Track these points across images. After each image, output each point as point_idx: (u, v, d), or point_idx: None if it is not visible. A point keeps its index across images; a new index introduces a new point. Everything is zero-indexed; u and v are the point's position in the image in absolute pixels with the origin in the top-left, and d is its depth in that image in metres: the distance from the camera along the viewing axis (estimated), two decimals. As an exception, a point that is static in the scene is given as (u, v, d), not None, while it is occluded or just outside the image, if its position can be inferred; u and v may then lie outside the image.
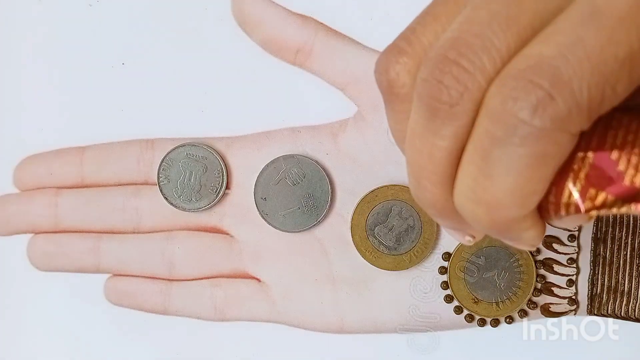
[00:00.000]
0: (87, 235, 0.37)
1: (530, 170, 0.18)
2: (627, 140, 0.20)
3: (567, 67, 0.17)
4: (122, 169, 0.36)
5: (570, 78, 0.17)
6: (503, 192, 0.19)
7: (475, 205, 0.20)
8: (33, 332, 0.39)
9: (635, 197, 0.19)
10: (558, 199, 0.20)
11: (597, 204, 0.19)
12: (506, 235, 0.21)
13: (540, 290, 0.34)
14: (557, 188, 0.20)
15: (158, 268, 0.36)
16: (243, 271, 0.36)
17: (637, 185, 0.19)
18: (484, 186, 0.19)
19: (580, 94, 0.17)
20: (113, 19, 0.38)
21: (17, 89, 0.38)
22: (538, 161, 0.18)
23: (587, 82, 0.17)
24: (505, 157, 0.18)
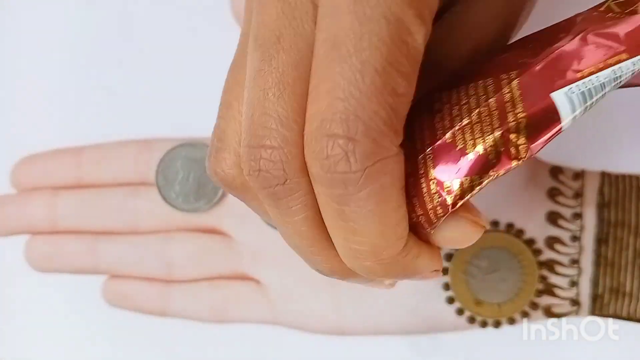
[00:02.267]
0: (85, 236, 0.36)
1: (382, 205, 0.19)
2: (453, 115, 0.20)
3: (348, 107, 0.18)
4: (120, 169, 0.36)
5: (355, 113, 0.18)
6: (374, 236, 0.19)
7: (361, 260, 0.20)
8: (31, 333, 0.39)
9: (489, 164, 0.19)
10: (424, 210, 0.20)
11: (457, 192, 0.19)
12: (407, 273, 0.21)
13: (542, 291, 0.34)
14: (418, 200, 0.20)
15: (156, 269, 0.36)
16: (242, 272, 0.36)
17: (482, 152, 0.19)
18: (357, 241, 0.20)
19: (372, 121, 0.18)
20: (113, 18, 0.38)
21: (15, 89, 0.38)
22: (383, 194, 0.19)
23: (370, 108, 0.18)
24: (355, 208, 0.19)
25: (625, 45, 0.18)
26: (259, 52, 0.20)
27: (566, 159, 0.34)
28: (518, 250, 0.34)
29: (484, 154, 0.19)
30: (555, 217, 0.34)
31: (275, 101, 0.19)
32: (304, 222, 0.20)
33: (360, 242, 0.20)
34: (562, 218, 0.34)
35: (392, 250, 0.20)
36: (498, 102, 0.19)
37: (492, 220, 0.34)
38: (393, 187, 0.19)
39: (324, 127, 0.18)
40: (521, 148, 0.19)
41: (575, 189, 0.34)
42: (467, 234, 0.21)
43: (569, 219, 0.34)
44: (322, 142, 0.18)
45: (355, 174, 0.18)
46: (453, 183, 0.19)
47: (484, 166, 0.19)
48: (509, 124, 0.19)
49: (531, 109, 0.19)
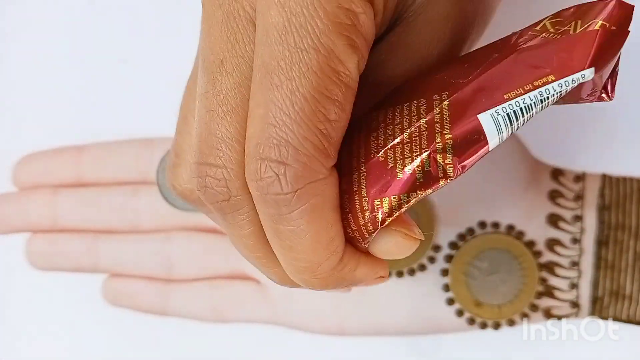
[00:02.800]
0: (85, 234, 0.36)
1: (314, 224, 0.20)
2: (387, 134, 0.20)
3: (279, 132, 0.19)
4: (120, 168, 0.36)
5: (286, 139, 0.19)
6: (307, 253, 0.20)
7: (300, 274, 0.21)
8: (31, 331, 0.39)
9: (416, 184, 0.20)
10: (358, 226, 0.20)
11: (386, 210, 0.20)
12: (347, 283, 0.22)
13: (542, 293, 0.34)
14: (353, 216, 0.20)
15: (156, 268, 0.36)
16: (242, 272, 0.36)
17: (410, 172, 0.19)
18: (293, 257, 0.21)
19: (302, 146, 0.19)
20: (113, 17, 0.38)
21: (16, 88, 0.38)
22: (314, 214, 0.20)
23: (300, 133, 0.19)
24: (288, 226, 0.20)
25: (553, 67, 0.18)
26: (205, 74, 0.21)
27: (567, 162, 0.34)
28: (518, 252, 0.34)
29: (412, 174, 0.19)
30: (555, 220, 0.34)
31: (220, 122, 0.20)
32: (251, 236, 0.21)
33: (296, 259, 0.21)
34: (562, 220, 0.34)
35: (327, 266, 0.21)
36: (428, 123, 0.19)
37: (493, 222, 0.34)
38: (324, 207, 0.20)
39: (257, 150, 0.19)
40: (448, 168, 0.19)
41: (576, 191, 0.34)
42: (401, 247, 0.21)
43: (569, 221, 0.34)
44: (256, 164, 0.19)
45: (287, 196, 0.19)
46: (382, 201, 0.20)
47: (412, 186, 0.20)
48: (437, 144, 0.19)
49: (458, 131, 0.19)
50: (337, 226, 0.20)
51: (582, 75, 0.18)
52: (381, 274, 0.23)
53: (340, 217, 0.21)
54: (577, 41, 0.18)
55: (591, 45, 0.18)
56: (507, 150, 0.34)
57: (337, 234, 0.20)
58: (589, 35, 0.18)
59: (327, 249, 0.20)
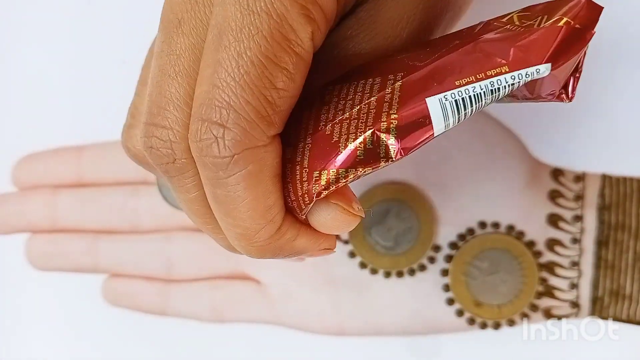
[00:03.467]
0: (85, 235, 0.36)
1: (251, 191, 0.19)
2: (337, 108, 0.20)
3: (222, 94, 0.18)
4: (120, 168, 0.36)
5: (228, 101, 0.18)
6: (245, 220, 0.20)
7: (239, 240, 0.21)
8: (30, 331, 0.39)
9: (356, 160, 0.19)
10: (296, 197, 0.20)
11: (323, 183, 0.20)
12: (287, 253, 0.22)
13: (542, 293, 0.34)
14: (292, 186, 0.20)
15: (156, 268, 0.36)
16: (242, 272, 0.36)
17: (353, 147, 0.19)
18: (230, 223, 0.20)
19: (244, 110, 0.18)
20: (113, 17, 0.38)
21: (16, 88, 0.38)
22: (251, 181, 0.19)
23: (243, 97, 0.18)
24: (226, 191, 0.19)
25: (509, 59, 0.18)
26: (162, 34, 0.20)
27: (567, 162, 0.34)
28: (518, 252, 0.34)
29: (354, 150, 0.19)
30: (555, 220, 0.34)
31: (170, 82, 0.20)
32: (196, 200, 0.21)
33: (233, 225, 0.20)
34: (562, 220, 0.34)
35: (264, 234, 0.20)
36: (378, 101, 0.19)
37: (493, 222, 0.34)
38: (262, 175, 0.19)
39: (200, 110, 0.19)
40: (391, 149, 0.19)
41: (576, 191, 0.34)
42: (339, 221, 0.21)
43: (569, 222, 0.34)
44: (197, 125, 0.19)
45: (224, 160, 0.19)
46: (321, 174, 0.20)
47: (352, 162, 0.19)
48: (382, 123, 0.19)
49: (404, 112, 0.19)
50: (276, 195, 0.20)
51: (537, 70, 0.18)
52: (325, 246, 0.22)
53: (280, 186, 0.20)
54: (538, 36, 0.18)
55: (552, 41, 0.18)
56: (507, 151, 0.34)
57: (275, 202, 0.20)
58: (551, 31, 0.18)
59: (263, 216, 0.20)
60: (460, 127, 0.33)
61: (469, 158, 0.33)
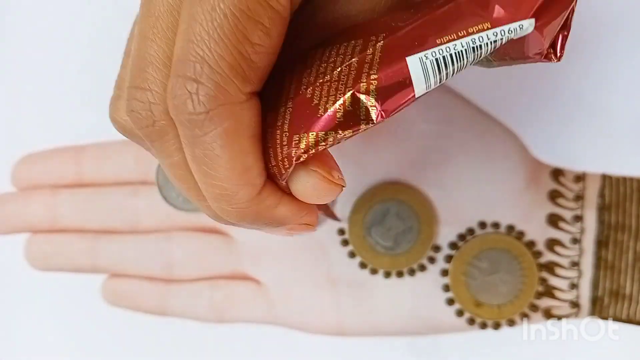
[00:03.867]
0: (85, 235, 0.36)
1: (227, 149, 0.19)
2: (319, 71, 0.20)
3: (196, 49, 0.18)
4: (120, 168, 0.36)
5: (202, 56, 0.18)
6: (223, 180, 0.20)
7: (218, 202, 0.20)
8: (30, 331, 0.39)
9: (336, 123, 0.19)
10: (277, 161, 0.20)
11: (302, 147, 0.19)
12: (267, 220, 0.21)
13: (542, 293, 0.34)
14: (273, 151, 0.20)
15: (156, 269, 0.36)
16: (242, 272, 0.36)
17: (332, 110, 0.19)
18: (209, 184, 0.20)
19: (218, 65, 0.18)
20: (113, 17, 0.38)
21: (15, 88, 0.38)
22: (228, 139, 0.19)
23: (217, 51, 0.18)
24: (203, 150, 0.19)
25: (491, 15, 0.18)
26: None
27: (567, 162, 0.34)
28: (518, 252, 0.34)
29: (333, 113, 0.19)
30: (555, 220, 0.34)
31: (149, 44, 0.20)
32: (179, 165, 0.21)
33: (212, 185, 0.20)
34: (562, 220, 0.34)
35: (243, 196, 0.20)
36: (358, 63, 0.19)
37: (493, 222, 0.34)
38: (239, 134, 0.19)
39: (176, 67, 0.19)
40: (371, 110, 0.19)
41: (576, 191, 0.34)
42: (318, 189, 0.21)
43: (569, 222, 0.34)
44: (172, 82, 0.19)
45: (199, 116, 0.19)
46: (301, 137, 0.19)
47: (331, 124, 0.19)
48: (361, 84, 0.18)
49: (384, 72, 0.18)
50: (254, 156, 0.20)
51: (520, 25, 0.17)
52: (306, 220, 0.22)
53: (259, 148, 0.20)
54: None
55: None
56: (507, 151, 0.34)
57: (254, 164, 0.20)
58: None
59: (241, 177, 0.20)
60: (460, 127, 0.33)
61: (469, 158, 0.33)
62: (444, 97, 0.33)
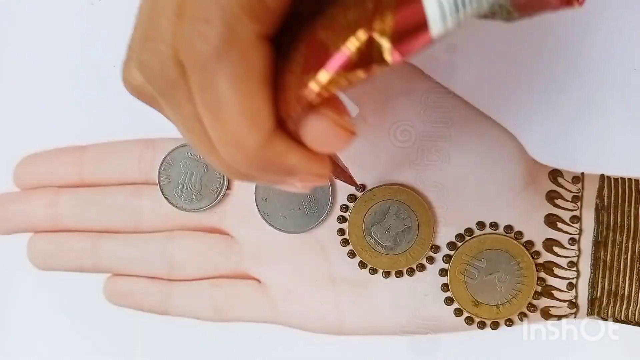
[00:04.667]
0: (87, 234, 0.37)
1: (236, 90, 0.19)
2: (333, 14, 0.19)
3: None
4: (122, 168, 0.36)
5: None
6: (232, 123, 0.19)
7: (227, 148, 0.20)
8: (32, 331, 0.39)
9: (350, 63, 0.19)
10: (287, 104, 0.20)
11: (315, 89, 0.19)
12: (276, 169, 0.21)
13: (540, 293, 0.34)
14: (285, 96, 0.20)
15: (158, 268, 0.36)
16: (243, 272, 0.36)
17: (346, 51, 0.18)
18: (220, 129, 0.20)
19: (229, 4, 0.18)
20: (115, 18, 0.38)
21: (17, 88, 0.38)
22: (238, 79, 0.19)
23: None
24: (213, 93, 0.19)
25: None
26: None
27: (565, 162, 0.35)
28: (517, 252, 0.34)
29: (346, 53, 0.18)
30: (554, 220, 0.34)
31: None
32: (191, 117, 0.21)
33: (222, 130, 0.20)
34: (560, 221, 0.34)
35: (252, 140, 0.20)
36: (374, 4, 0.18)
37: (491, 222, 0.34)
38: (248, 74, 0.19)
39: (186, 10, 0.18)
40: (385, 52, 0.18)
41: (574, 192, 0.34)
42: (330, 135, 0.20)
43: (567, 222, 0.34)
44: (183, 25, 0.19)
45: (209, 57, 0.18)
46: (315, 79, 0.19)
47: (345, 65, 0.19)
48: (375, 25, 0.18)
49: (399, 13, 0.18)
50: (264, 99, 0.19)
51: None
52: (317, 170, 0.21)
53: (269, 92, 0.20)
54: None
55: None
56: (505, 151, 0.34)
57: (263, 106, 0.19)
58: None
59: (250, 120, 0.19)
60: (458, 129, 0.33)
61: (468, 159, 0.34)
62: (443, 98, 0.34)
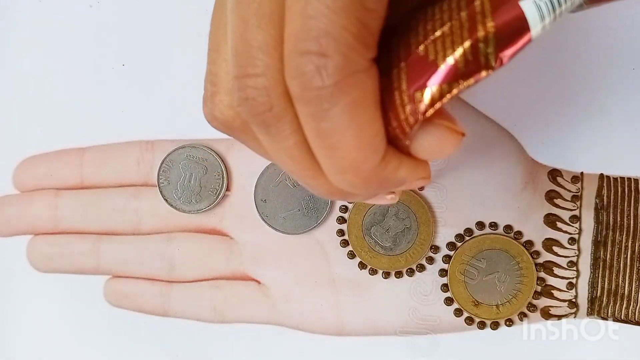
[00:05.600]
0: (87, 236, 0.37)
1: (356, 118, 0.19)
2: (427, 30, 0.20)
3: (318, 23, 0.18)
4: (122, 170, 0.36)
5: (325, 29, 0.18)
6: (351, 150, 0.20)
7: (344, 175, 0.21)
8: (32, 333, 0.39)
9: (458, 73, 0.19)
10: (399, 122, 0.20)
11: (427, 102, 0.20)
12: (390, 184, 0.22)
13: (540, 293, 0.34)
14: (393, 113, 0.20)
15: (158, 270, 0.36)
16: (243, 273, 0.36)
17: (452, 62, 0.19)
18: (336, 157, 0.20)
19: (341, 36, 0.18)
20: (113, 20, 0.38)
21: (17, 90, 0.38)
22: (356, 108, 0.19)
23: (339, 23, 0.18)
24: (330, 123, 0.19)
25: None
26: None
27: (565, 162, 0.35)
28: (516, 252, 0.34)
29: (454, 64, 0.19)
30: (553, 220, 0.34)
31: (255, 30, 0.20)
32: (296, 146, 0.21)
33: (339, 157, 0.20)
34: (560, 220, 0.34)
35: (370, 163, 0.20)
36: (469, 14, 0.19)
37: (491, 222, 0.34)
38: (366, 101, 0.19)
39: (297, 46, 0.19)
40: (490, 57, 0.19)
41: (573, 191, 0.34)
42: (444, 141, 0.21)
43: (567, 222, 0.34)
44: (296, 60, 0.19)
45: (328, 89, 0.19)
46: (424, 92, 0.20)
47: (454, 75, 0.19)
48: (479, 33, 0.19)
49: (500, 19, 0.19)
50: (379, 122, 0.20)
51: None
52: (423, 174, 0.22)
53: (381, 114, 0.20)
54: None
55: None
56: (504, 151, 0.34)
57: (379, 130, 0.20)
58: None
59: (369, 144, 0.20)
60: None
61: (467, 159, 0.34)
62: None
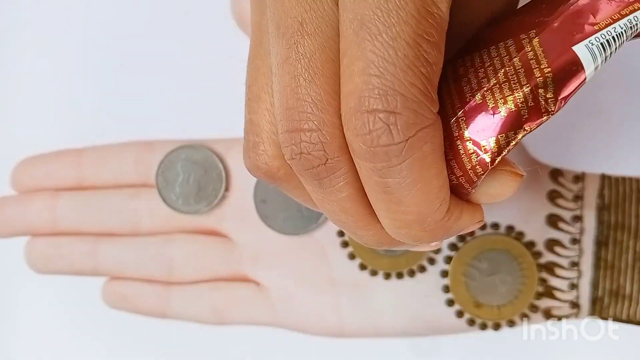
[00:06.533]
0: (85, 237, 0.36)
1: (425, 173, 0.19)
2: (479, 77, 0.21)
3: (383, 81, 0.18)
4: (120, 171, 0.36)
5: (392, 87, 0.18)
6: (418, 205, 0.20)
7: (408, 229, 0.21)
8: (31, 334, 0.39)
9: (521, 119, 0.20)
10: (464, 171, 0.20)
11: (495, 150, 0.20)
12: (451, 233, 0.22)
13: (541, 294, 0.34)
14: (457, 162, 0.20)
15: (156, 271, 0.36)
16: (242, 274, 0.36)
17: (514, 108, 0.20)
18: (402, 211, 0.20)
19: (409, 93, 0.18)
20: (112, 21, 0.38)
21: (15, 90, 0.38)
22: (425, 162, 0.19)
23: (406, 80, 0.18)
24: (399, 179, 0.19)
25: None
26: (284, 40, 0.20)
27: (566, 162, 0.35)
28: (518, 252, 0.34)
29: (516, 110, 0.20)
30: (555, 220, 0.34)
31: (308, 86, 0.20)
32: (348, 199, 0.21)
33: (404, 212, 0.20)
34: (562, 221, 0.34)
35: (436, 216, 0.20)
36: (522, 61, 0.20)
37: (492, 222, 0.34)
38: (434, 154, 0.20)
39: (362, 104, 0.19)
40: (550, 101, 0.20)
41: (575, 191, 0.34)
42: (507, 186, 0.21)
43: (569, 222, 0.34)
44: (362, 119, 0.19)
45: (398, 146, 0.19)
46: (489, 141, 0.20)
47: (517, 122, 0.20)
48: (537, 79, 0.19)
49: (555, 63, 0.19)
50: (445, 174, 0.20)
51: None
52: (480, 219, 0.22)
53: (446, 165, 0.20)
54: None
55: None
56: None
57: (445, 182, 0.20)
58: None
59: (437, 198, 0.20)
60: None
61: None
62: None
